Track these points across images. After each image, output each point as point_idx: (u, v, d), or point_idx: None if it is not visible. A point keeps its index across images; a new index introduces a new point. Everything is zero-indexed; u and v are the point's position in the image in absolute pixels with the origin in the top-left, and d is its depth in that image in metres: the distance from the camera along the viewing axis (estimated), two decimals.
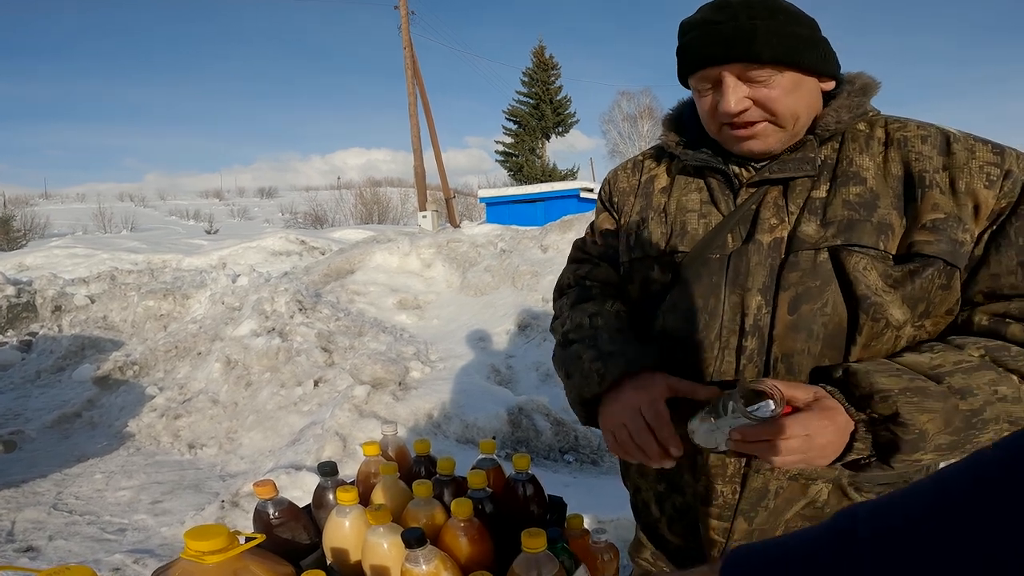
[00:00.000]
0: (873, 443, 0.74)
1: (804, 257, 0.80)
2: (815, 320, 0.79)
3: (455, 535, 0.88)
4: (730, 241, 0.86)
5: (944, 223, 0.76)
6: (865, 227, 0.78)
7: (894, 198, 0.79)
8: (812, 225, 0.81)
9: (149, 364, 5.02)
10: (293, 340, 4.62)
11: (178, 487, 3.24)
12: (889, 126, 0.85)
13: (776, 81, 0.80)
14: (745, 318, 0.83)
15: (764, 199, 0.85)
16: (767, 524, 0.90)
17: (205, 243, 16.10)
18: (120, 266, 9.69)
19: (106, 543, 2.63)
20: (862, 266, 0.77)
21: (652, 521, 1.07)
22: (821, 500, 0.89)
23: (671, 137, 0.97)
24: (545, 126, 27.30)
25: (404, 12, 14.38)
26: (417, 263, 6.64)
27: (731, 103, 0.80)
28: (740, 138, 0.83)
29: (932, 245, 0.76)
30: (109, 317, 6.11)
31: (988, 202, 0.76)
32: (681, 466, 0.94)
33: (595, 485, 2.90)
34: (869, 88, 0.87)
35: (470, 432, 3.37)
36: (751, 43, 0.78)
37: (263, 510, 0.97)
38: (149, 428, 4.03)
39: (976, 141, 0.80)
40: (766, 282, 0.82)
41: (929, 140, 0.81)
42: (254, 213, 41.27)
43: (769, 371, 0.82)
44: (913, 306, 0.78)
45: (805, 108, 0.83)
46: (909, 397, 0.71)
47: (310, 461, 2.95)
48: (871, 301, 0.77)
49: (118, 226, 28.55)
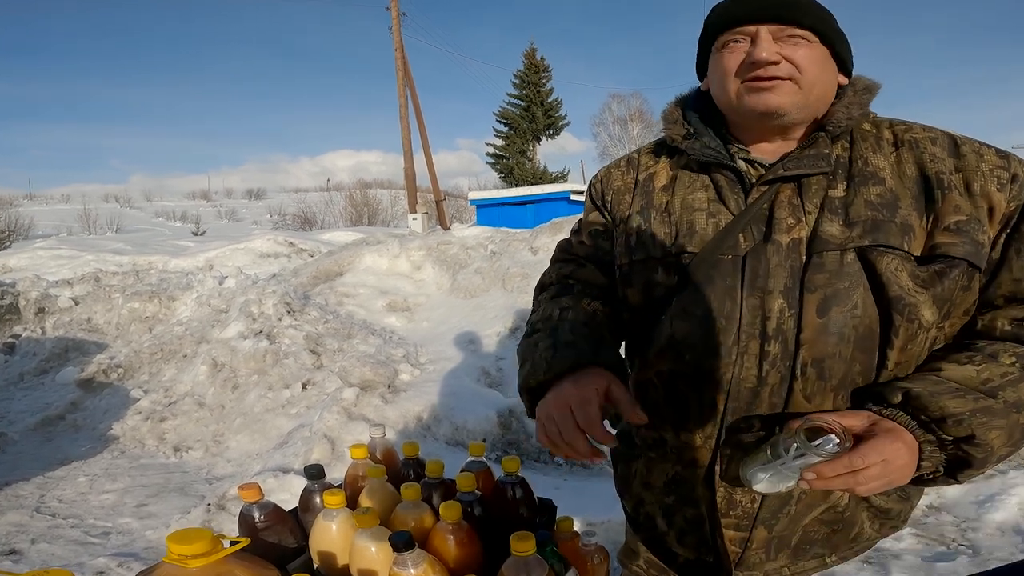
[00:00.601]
0: (943, 460, 0.75)
1: (830, 258, 0.78)
2: (846, 323, 0.77)
3: (444, 538, 0.87)
4: (742, 241, 0.83)
5: (967, 225, 0.76)
6: (891, 228, 0.77)
7: (912, 199, 0.79)
8: (835, 225, 0.79)
9: (134, 367, 4.96)
10: (281, 342, 4.58)
11: (163, 490, 3.20)
12: (895, 128, 0.85)
13: (810, 48, 0.81)
14: (767, 322, 0.79)
15: (777, 198, 0.82)
16: (787, 531, 0.89)
17: (192, 245, 15.93)
18: (105, 268, 9.57)
19: (90, 546, 2.59)
20: (894, 267, 0.76)
21: (658, 535, 1.03)
22: (842, 504, 0.88)
23: (675, 130, 0.93)
24: (536, 128, 27.37)
25: (395, 13, 14.36)
26: (407, 265, 6.62)
27: (764, 50, 0.79)
28: (760, 89, 0.81)
29: (957, 247, 0.76)
30: (93, 319, 6.02)
31: (1001, 205, 0.77)
32: (694, 479, 0.92)
33: (585, 487, 2.90)
34: (872, 88, 0.87)
35: (460, 434, 3.36)
36: (795, 8, 0.81)
37: (248, 513, 0.96)
38: (134, 431, 3.98)
39: (981, 144, 0.81)
40: (788, 284, 0.79)
41: (938, 142, 0.81)
42: (242, 214, 40.96)
43: (795, 376, 0.79)
44: (941, 307, 0.77)
45: (824, 87, 0.83)
46: (980, 418, 0.71)
47: (298, 464, 2.93)
48: (906, 302, 0.76)
49: (103, 227, 28.19)
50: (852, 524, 0.90)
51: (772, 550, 0.90)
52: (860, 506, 0.90)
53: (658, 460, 0.98)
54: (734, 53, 0.83)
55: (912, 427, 0.73)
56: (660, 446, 0.96)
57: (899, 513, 0.93)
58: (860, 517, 0.90)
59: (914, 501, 0.96)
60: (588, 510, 2.43)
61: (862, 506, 0.90)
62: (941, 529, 2.55)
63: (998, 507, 2.59)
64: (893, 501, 0.91)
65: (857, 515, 0.90)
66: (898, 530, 0.96)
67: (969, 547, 2.39)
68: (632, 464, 1.05)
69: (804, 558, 0.92)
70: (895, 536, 2.51)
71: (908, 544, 2.46)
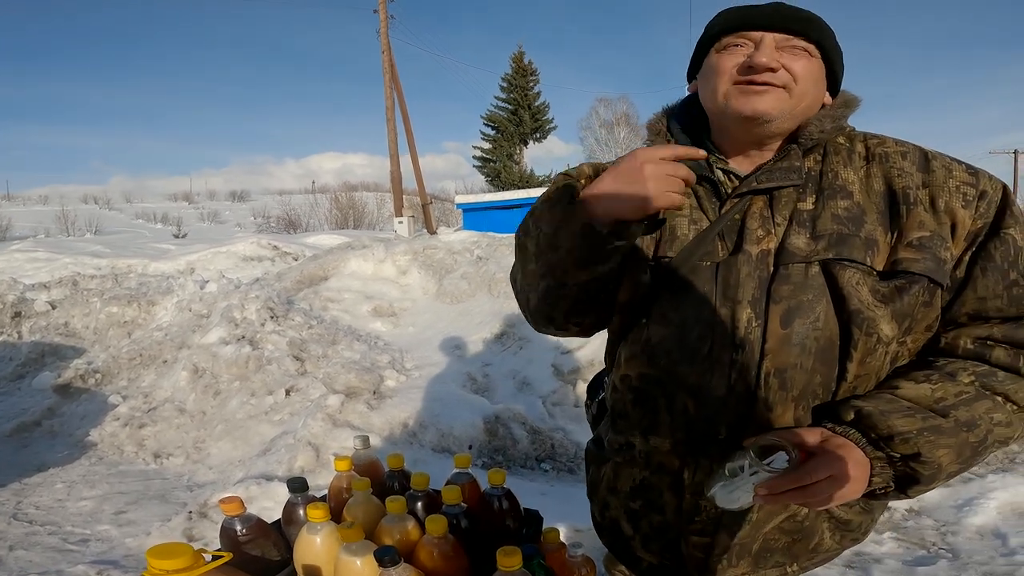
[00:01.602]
0: (892, 476, 0.77)
1: (795, 270, 0.79)
2: (808, 335, 0.78)
3: (430, 552, 0.87)
4: (719, 249, 0.84)
5: (930, 241, 0.77)
6: (855, 242, 0.78)
7: (878, 214, 0.80)
8: (802, 238, 0.80)
9: (112, 372, 4.86)
10: (264, 348, 4.52)
11: (143, 497, 3.14)
12: (868, 141, 0.86)
13: (809, 61, 0.82)
14: (736, 331, 0.80)
15: (750, 209, 0.84)
16: (748, 537, 0.90)
17: (173, 247, 15.71)
18: (83, 271, 9.38)
19: (68, 553, 2.54)
20: (855, 281, 0.77)
21: (623, 540, 1.04)
22: (802, 514, 0.90)
23: (658, 142, 0.95)
24: (523, 132, 27.43)
25: (383, 16, 14.32)
26: (392, 270, 6.58)
27: (766, 55, 0.80)
28: (753, 92, 0.81)
29: (919, 263, 0.76)
30: (71, 324, 5.90)
31: (965, 222, 0.78)
32: (661, 485, 0.93)
33: (572, 494, 2.90)
34: (850, 103, 0.88)
35: (446, 441, 3.34)
36: (805, 22, 0.82)
37: (230, 527, 0.94)
38: (112, 437, 3.90)
39: (952, 160, 0.82)
40: (755, 294, 0.80)
41: (908, 156, 0.82)
42: (225, 217, 40.48)
43: (760, 385, 0.81)
44: (900, 322, 0.78)
45: (812, 100, 0.85)
46: (927, 436, 0.73)
47: (282, 471, 2.89)
48: (864, 316, 0.77)
49: (82, 229, 27.67)
50: (812, 534, 0.91)
51: (734, 556, 0.91)
52: (820, 517, 0.90)
53: (625, 465, 0.98)
54: (734, 55, 0.83)
55: (862, 444, 0.75)
56: (628, 450, 0.97)
57: (859, 525, 0.94)
58: (820, 528, 0.91)
59: (876, 514, 0.96)
60: (574, 516, 2.43)
61: (822, 516, 0.90)
62: (921, 533, 2.59)
63: (977, 511, 2.63)
64: (854, 513, 0.92)
65: (817, 525, 0.91)
66: (859, 542, 0.97)
67: (949, 551, 2.43)
68: (601, 468, 1.05)
69: (765, 566, 0.93)
70: (876, 540, 2.55)
71: (889, 548, 2.49)
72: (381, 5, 14.34)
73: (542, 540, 1.02)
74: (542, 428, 3.56)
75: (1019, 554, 2.32)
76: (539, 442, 3.49)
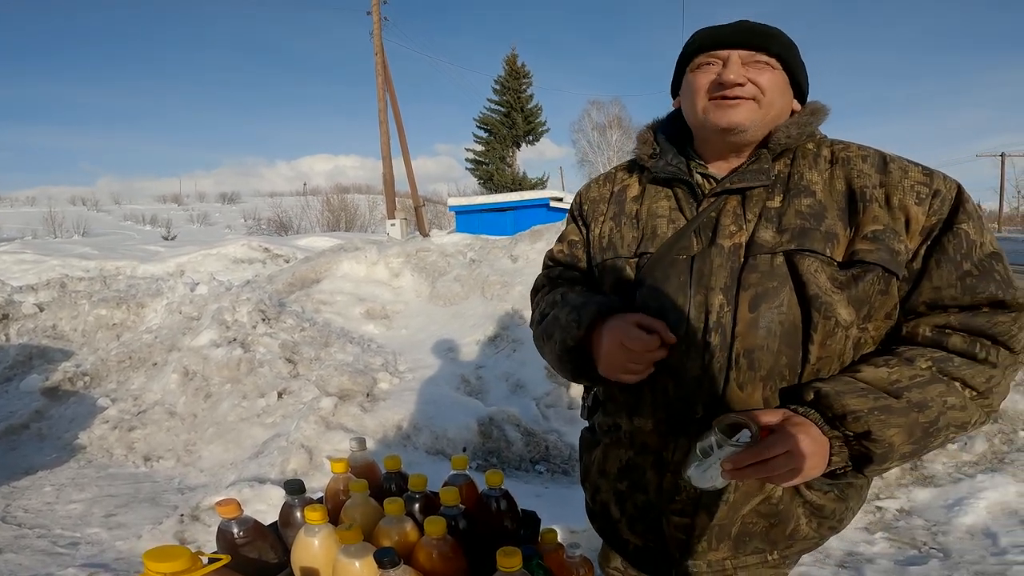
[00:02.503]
0: (849, 455, 0.82)
1: (762, 260, 0.87)
2: (773, 318, 0.86)
3: (429, 553, 0.87)
4: (695, 244, 0.93)
5: (883, 234, 0.84)
6: (815, 235, 0.86)
7: (839, 210, 0.88)
8: (769, 232, 0.89)
9: (101, 375, 4.81)
10: (256, 351, 4.49)
11: (133, 500, 3.10)
12: (834, 147, 0.95)
13: (773, 74, 0.92)
14: (709, 316, 0.89)
15: (724, 207, 0.93)
16: (727, 519, 0.95)
17: (162, 250, 15.55)
18: (71, 273, 9.28)
19: (58, 557, 2.50)
20: (813, 269, 0.85)
21: (611, 523, 1.10)
22: (775, 496, 0.95)
23: (644, 151, 1.06)
24: (516, 134, 27.46)
25: (376, 18, 14.31)
26: (385, 272, 6.56)
27: (733, 72, 0.90)
28: (726, 107, 0.91)
29: (873, 253, 0.84)
30: (59, 326, 5.83)
31: (919, 218, 0.85)
32: (645, 464, 1.00)
33: (567, 495, 2.90)
34: (819, 112, 0.97)
35: (440, 443, 3.33)
36: (765, 38, 0.92)
37: (227, 529, 0.93)
38: (101, 440, 3.86)
39: (909, 163, 0.90)
40: (727, 282, 0.88)
41: (868, 160, 0.91)
42: (215, 219, 40.20)
43: (731, 366, 0.87)
44: (858, 308, 0.85)
45: (780, 109, 0.94)
46: (878, 416, 0.78)
47: (274, 474, 2.87)
48: (822, 300, 0.84)
49: (69, 231, 27.37)
50: (788, 518, 0.95)
51: (714, 539, 0.96)
52: (795, 501, 0.95)
53: (613, 446, 1.07)
54: (706, 74, 0.94)
55: (820, 423, 0.81)
56: (615, 431, 1.05)
57: (834, 512, 0.98)
58: (795, 512, 0.95)
59: (851, 503, 1.00)
60: (570, 518, 2.43)
61: (797, 501, 0.95)
62: (912, 533, 2.61)
63: (967, 511, 2.66)
64: (828, 499, 0.96)
65: (792, 510, 0.95)
66: (836, 531, 1.01)
67: (940, 550, 2.45)
68: (592, 452, 1.13)
69: (745, 551, 0.97)
70: (868, 540, 2.56)
71: (881, 548, 2.51)
72: (374, 7, 14.32)
73: (540, 541, 1.02)
74: (536, 430, 3.56)
75: (1009, 553, 2.34)
76: (533, 444, 3.48)
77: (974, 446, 3.20)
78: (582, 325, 0.95)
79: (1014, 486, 2.78)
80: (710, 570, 0.98)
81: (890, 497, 2.90)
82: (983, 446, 3.20)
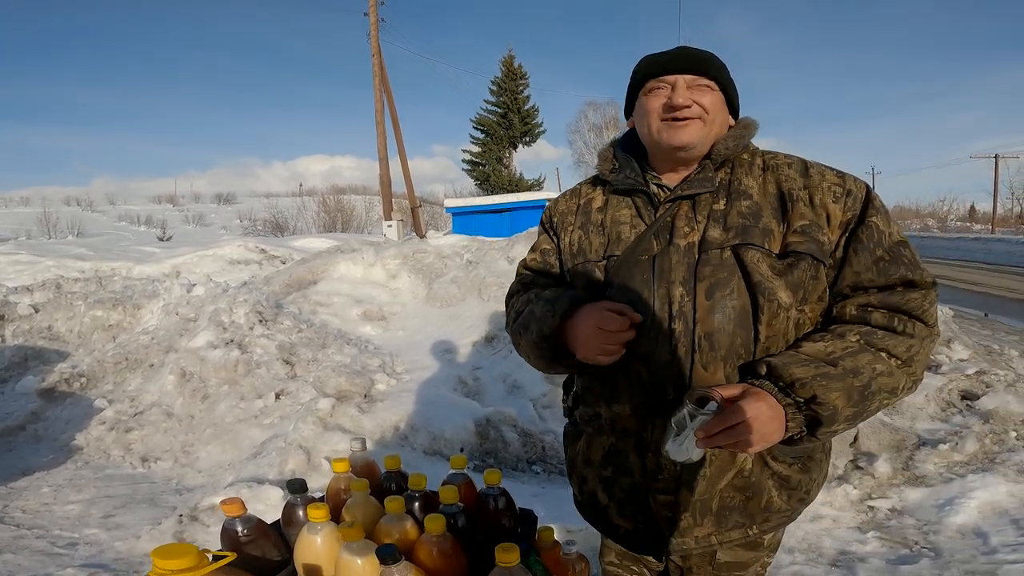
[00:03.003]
0: (803, 421, 0.93)
1: (713, 255, 1.01)
2: (727, 303, 0.99)
3: (429, 550, 0.89)
4: (655, 245, 1.05)
5: (809, 228, 0.99)
6: (755, 231, 1.00)
7: (772, 210, 1.02)
8: (717, 230, 1.02)
9: (97, 376, 4.81)
10: (253, 352, 4.50)
11: (131, 501, 3.11)
12: (765, 156, 1.10)
13: (713, 95, 1.07)
14: (672, 306, 1.01)
15: (677, 212, 1.06)
16: (707, 494, 1.05)
17: (157, 250, 15.50)
18: (66, 274, 9.26)
19: (57, 557, 2.51)
20: (756, 259, 0.98)
21: (600, 510, 1.18)
22: (747, 469, 1.05)
23: (605, 166, 1.20)
24: (512, 135, 27.49)
25: (373, 19, 14.31)
26: (382, 273, 6.57)
27: (681, 96, 1.04)
28: (676, 127, 1.05)
29: (802, 244, 0.98)
30: (54, 327, 5.82)
31: (836, 213, 1.00)
32: (627, 448, 1.10)
33: (563, 495, 2.91)
34: (751, 127, 1.12)
35: (437, 444, 3.35)
36: (705, 63, 1.07)
37: (231, 527, 0.95)
38: (98, 441, 3.86)
39: (825, 168, 1.06)
40: (685, 276, 1.01)
41: (793, 166, 1.07)
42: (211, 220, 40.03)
43: (695, 349, 0.99)
44: (795, 291, 0.98)
45: (720, 125, 1.10)
46: (820, 381, 0.90)
47: (273, 475, 2.88)
48: (765, 286, 0.97)
49: (64, 231, 27.22)
50: (761, 491, 1.06)
51: (697, 514, 1.06)
52: (764, 473, 1.06)
53: (596, 435, 1.15)
54: (657, 97, 1.07)
55: (774, 392, 0.92)
56: (596, 420, 1.14)
57: (800, 483, 1.09)
58: (766, 484, 1.06)
59: (814, 475, 1.12)
60: (567, 518, 2.45)
61: (766, 473, 1.06)
62: (904, 532, 2.64)
63: (958, 510, 2.69)
64: (793, 471, 1.08)
65: (763, 482, 1.06)
66: (805, 503, 1.13)
67: (931, 550, 2.49)
68: (576, 444, 1.23)
69: (727, 527, 1.07)
70: (860, 539, 2.60)
71: (873, 547, 2.54)
72: (372, 8, 14.33)
73: (537, 539, 1.05)
74: (533, 431, 3.58)
75: (1000, 552, 2.38)
76: (530, 444, 3.51)
77: (965, 446, 3.23)
78: (556, 314, 1.05)
79: (1004, 486, 2.82)
80: (698, 546, 1.08)
81: (882, 497, 2.94)
82: (974, 446, 3.24)
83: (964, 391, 3.82)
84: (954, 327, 4.71)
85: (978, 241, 24.69)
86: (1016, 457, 3.10)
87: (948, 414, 3.70)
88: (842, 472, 3.21)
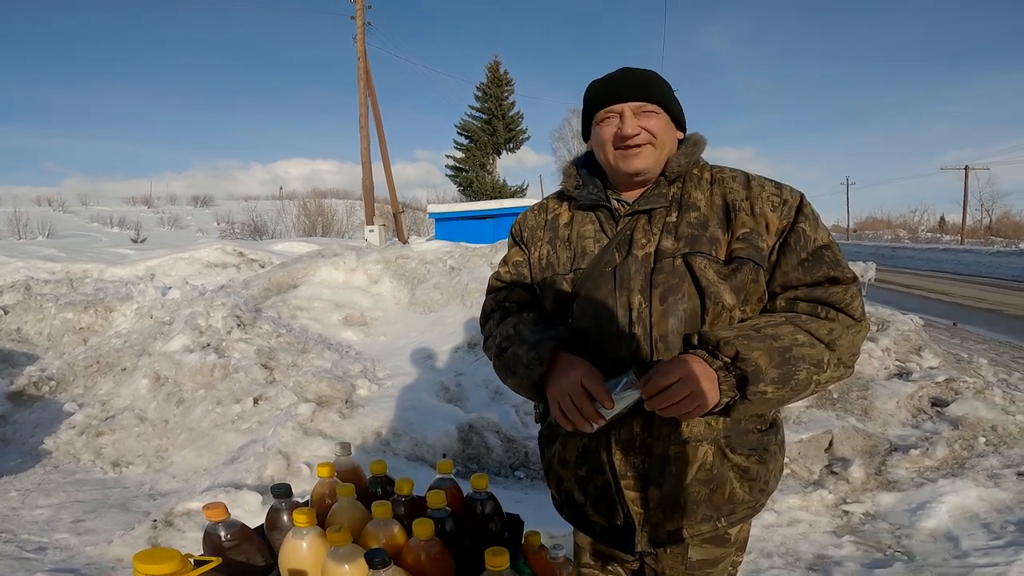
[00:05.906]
0: (734, 384, 0.98)
1: (667, 263, 1.09)
2: (678, 307, 1.07)
3: (417, 555, 0.88)
4: (616, 257, 1.13)
5: (750, 235, 1.08)
6: (703, 240, 1.09)
7: (718, 220, 1.11)
8: (669, 241, 1.11)
9: (67, 380, 4.68)
10: (231, 356, 4.42)
11: (102, 506, 3.03)
12: (712, 171, 1.19)
13: (658, 118, 1.15)
14: (632, 312, 1.09)
15: (636, 225, 1.14)
16: (675, 490, 1.11)
17: (131, 252, 15.13)
18: (36, 275, 9.01)
19: (26, 561, 2.44)
20: (703, 266, 1.07)
21: (577, 508, 1.22)
22: (708, 462, 1.11)
23: (570, 183, 1.27)
24: (497, 142, 27.53)
25: (360, 23, 14.26)
26: (364, 279, 6.53)
27: (629, 126, 1.12)
28: (629, 156, 1.13)
29: (744, 250, 1.08)
30: (23, 329, 5.66)
31: (774, 221, 1.10)
32: (599, 446, 1.14)
33: (546, 501, 2.89)
34: (700, 143, 1.20)
35: (420, 450, 3.33)
36: (646, 89, 1.14)
37: (214, 532, 0.94)
38: (67, 445, 3.76)
39: (765, 180, 1.16)
40: (643, 284, 1.09)
41: (737, 179, 1.16)
42: (187, 222, 39.26)
43: (653, 350, 1.07)
44: (738, 293, 1.07)
45: (670, 145, 1.18)
46: (742, 341, 0.98)
47: (251, 480, 2.83)
48: (711, 290, 1.06)
49: (34, 232, 26.46)
50: (723, 482, 1.12)
51: (667, 509, 1.12)
52: (725, 465, 1.12)
53: (569, 436, 1.20)
54: (608, 127, 1.15)
55: (705, 357, 0.99)
56: None
57: (759, 474, 1.15)
58: (728, 476, 1.12)
59: (770, 466, 1.18)
60: (550, 523, 2.44)
61: (727, 465, 1.12)
62: (878, 536, 2.70)
63: (930, 514, 2.76)
64: (752, 462, 1.14)
65: (724, 473, 1.12)
66: (766, 494, 1.19)
67: (904, 553, 2.54)
68: (552, 446, 1.27)
69: (696, 519, 1.12)
70: (836, 544, 2.64)
71: (848, 551, 2.59)
72: (359, 12, 14.28)
73: (524, 543, 1.05)
74: (516, 436, 3.58)
75: (971, 556, 2.43)
76: (513, 450, 3.50)
77: (936, 452, 3.31)
78: (543, 361, 1.10)
79: (975, 490, 2.89)
80: (670, 540, 1.13)
81: (856, 502, 2.99)
82: (944, 452, 3.32)
83: (934, 398, 3.92)
84: (924, 335, 4.83)
85: (948, 252, 25.24)
86: (985, 462, 3.18)
87: (919, 420, 3.78)
88: (818, 477, 3.27)
